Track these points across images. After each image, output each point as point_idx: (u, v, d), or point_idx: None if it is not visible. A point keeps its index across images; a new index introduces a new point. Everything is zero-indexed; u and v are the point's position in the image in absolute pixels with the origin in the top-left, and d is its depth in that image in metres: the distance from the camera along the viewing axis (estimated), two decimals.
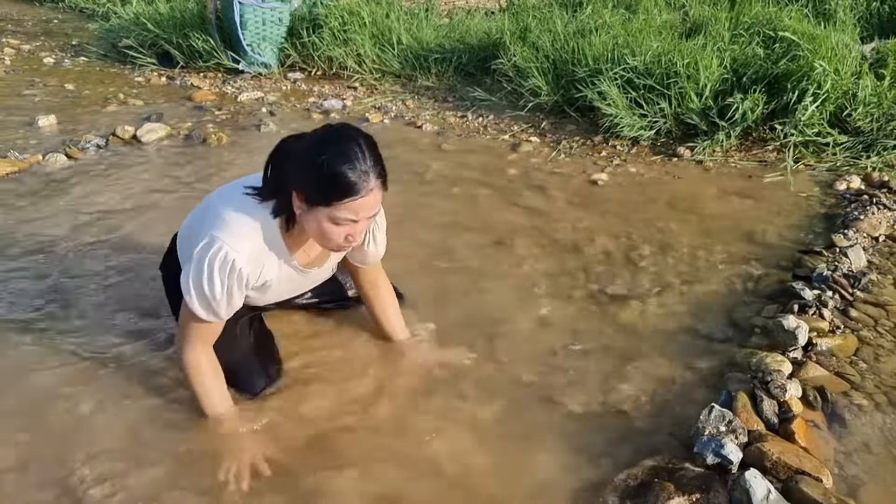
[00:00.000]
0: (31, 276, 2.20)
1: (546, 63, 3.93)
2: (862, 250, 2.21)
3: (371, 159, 1.28)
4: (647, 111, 3.39)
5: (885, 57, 3.35)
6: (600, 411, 1.60)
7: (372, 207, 1.32)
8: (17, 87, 4.72)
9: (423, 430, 1.54)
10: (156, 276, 2.17)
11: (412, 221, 2.57)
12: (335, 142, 1.29)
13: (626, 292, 2.11)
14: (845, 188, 2.84)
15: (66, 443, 1.50)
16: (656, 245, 2.40)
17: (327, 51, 4.88)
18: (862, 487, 1.32)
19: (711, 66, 3.32)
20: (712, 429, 1.42)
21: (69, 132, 3.70)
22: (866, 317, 1.88)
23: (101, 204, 2.78)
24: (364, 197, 1.28)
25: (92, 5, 8.04)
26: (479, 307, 2.04)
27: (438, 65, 4.75)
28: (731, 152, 3.27)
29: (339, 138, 1.30)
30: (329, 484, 1.39)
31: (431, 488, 1.38)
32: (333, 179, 1.26)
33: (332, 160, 1.26)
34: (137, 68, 5.25)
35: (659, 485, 1.33)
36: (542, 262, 2.30)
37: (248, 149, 3.52)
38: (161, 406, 1.62)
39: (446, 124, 3.92)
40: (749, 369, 1.66)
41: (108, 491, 1.37)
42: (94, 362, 1.77)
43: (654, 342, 1.86)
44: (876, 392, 1.58)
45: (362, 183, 1.27)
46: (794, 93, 3.14)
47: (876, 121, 3.10)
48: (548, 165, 3.25)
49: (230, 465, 1.43)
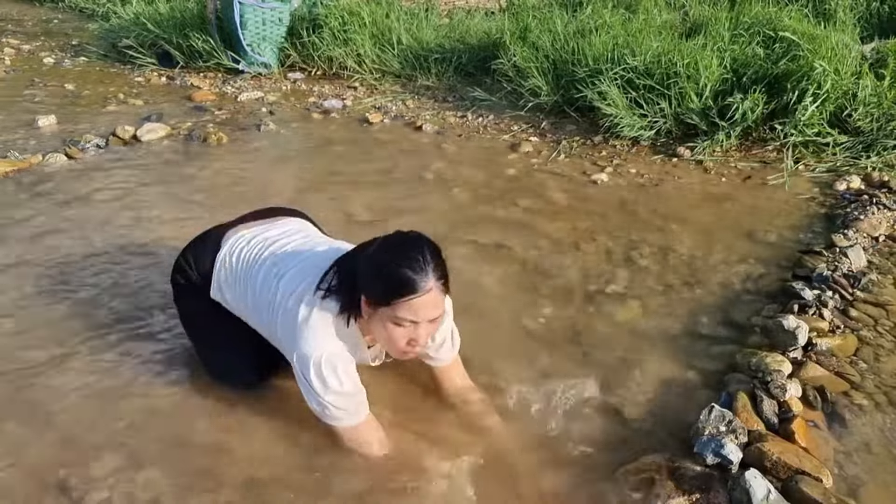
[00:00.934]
0: (30, 276, 2.20)
1: (546, 63, 3.94)
2: (862, 250, 2.21)
3: (432, 261, 1.31)
4: (647, 111, 3.39)
5: (885, 57, 3.35)
6: (600, 411, 1.60)
7: (432, 308, 1.32)
8: (17, 87, 4.72)
9: (422, 431, 1.54)
10: (156, 276, 2.18)
11: (412, 221, 2.56)
12: (400, 244, 1.35)
13: (626, 292, 2.11)
14: (845, 188, 2.84)
15: (66, 443, 1.50)
16: (656, 245, 2.40)
17: (327, 51, 4.88)
18: (862, 487, 1.32)
19: (711, 66, 3.32)
20: (712, 429, 1.42)
21: (69, 132, 3.70)
22: (866, 317, 1.88)
23: (100, 204, 2.78)
24: (422, 296, 1.29)
25: (92, 5, 8.04)
26: (478, 307, 2.04)
27: (438, 65, 4.75)
28: (731, 152, 3.27)
29: (404, 242, 1.35)
30: (332, 484, 1.39)
31: (428, 482, 1.38)
32: (393, 278, 1.29)
33: (394, 259, 1.30)
34: (137, 68, 5.25)
35: (659, 484, 1.33)
36: (541, 262, 2.30)
37: (248, 149, 3.52)
38: (161, 405, 1.62)
39: (446, 124, 3.92)
40: (749, 369, 1.66)
41: (108, 491, 1.37)
42: (95, 362, 1.77)
43: (654, 342, 1.86)
44: (876, 392, 1.58)
45: (421, 282, 1.28)
46: (794, 93, 3.14)
47: (876, 121, 3.10)
48: (548, 165, 3.25)
49: None
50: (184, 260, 1.73)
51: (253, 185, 2.98)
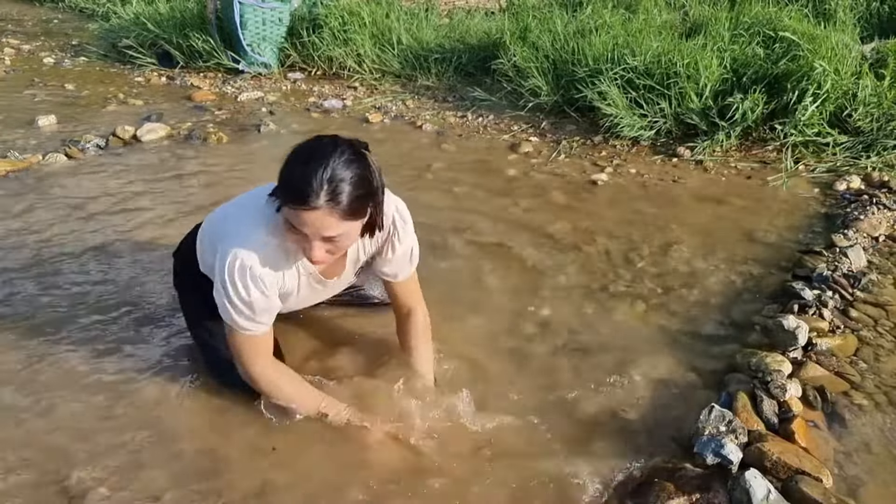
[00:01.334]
0: (30, 276, 2.20)
1: (546, 63, 3.94)
2: (862, 250, 2.21)
3: (333, 179, 1.21)
4: (647, 111, 3.39)
5: (885, 57, 3.35)
6: (600, 411, 1.60)
7: (321, 227, 1.24)
8: (17, 87, 4.72)
9: (420, 432, 1.53)
10: (156, 276, 2.18)
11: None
12: (314, 147, 1.26)
13: (626, 292, 2.11)
14: (845, 188, 2.84)
15: (66, 443, 1.50)
16: (656, 245, 2.41)
17: (327, 51, 4.88)
18: (862, 487, 1.32)
19: (711, 66, 3.32)
20: (712, 429, 1.42)
21: (69, 132, 3.70)
22: (866, 317, 1.88)
23: (100, 204, 2.78)
24: (309, 211, 1.21)
25: (92, 5, 8.04)
26: (478, 307, 2.04)
27: (438, 65, 4.75)
28: (730, 152, 3.27)
29: (320, 145, 1.26)
30: (334, 484, 1.39)
31: (426, 487, 1.38)
32: (285, 181, 1.25)
33: (295, 162, 1.24)
34: (137, 68, 5.25)
35: (659, 485, 1.33)
36: (541, 263, 2.30)
37: (248, 149, 3.52)
38: (162, 405, 1.62)
39: (446, 124, 3.92)
40: (749, 369, 1.66)
41: (108, 491, 1.37)
42: (95, 362, 1.77)
43: (654, 342, 1.86)
44: (876, 392, 1.58)
45: (308, 197, 1.20)
46: (794, 93, 3.14)
47: (876, 121, 3.10)
48: (548, 165, 3.25)
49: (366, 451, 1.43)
50: (177, 256, 1.76)
51: (253, 184, 2.94)
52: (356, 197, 1.25)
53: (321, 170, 1.21)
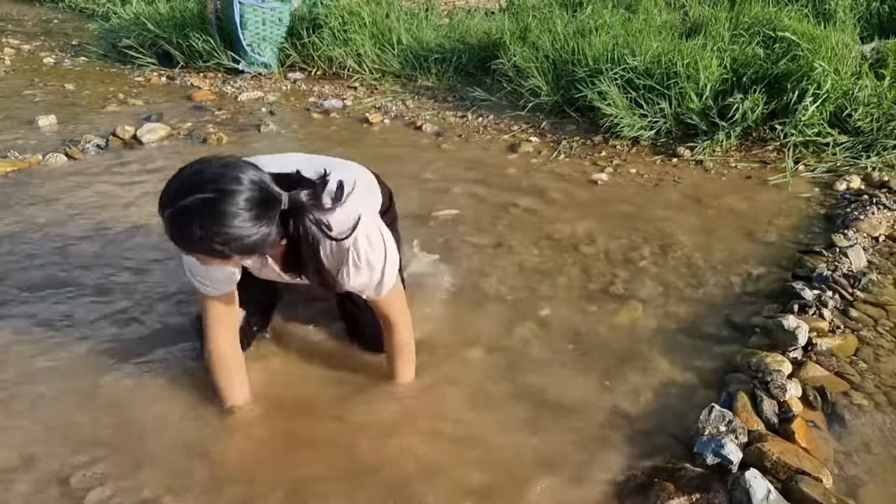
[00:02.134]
0: (30, 277, 2.20)
1: (546, 63, 3.93)
2: (862, 250, 2.21)
3: (181, 199, 1.13)
4: (647, 111, 3.39)
5: (885, 57, 3.35)
6: (600, 411, 1.60)
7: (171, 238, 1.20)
8: (17, 87, 4.72)
9: (419, 431, 1.54)
10: (156, 276, 2.18)
11: (412, 221, 2.57)
12: (207, 159, 1.20)
13: (626, 292, 2.11)
14: (845, 188, 2.84)
15: (66, 442, 1.50)
16: (656, 245, 2.41)
17: (327, 51, 4.88)
18: (862, 487, 1.32)
19: (711, 66, 3.32)
20: (712, 429, 1.42)
21: (69, 132, 3.70)
22: (866, 317, 1.88)
23: (100, 204, 2.78)
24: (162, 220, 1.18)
25: (92, 5, 8.03)
26: (478, 307, 2.04)
27: (438, 65, 4.75)
28: (731, 152, 3.27)
29: (190, 167, 1.19)
30: (327, 483, 1.39)
31: (426, 484, 1.38)
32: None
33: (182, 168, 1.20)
34: (137, 68, 5.25)
35: (659, 485, 1.33)
36: (541, 263, 2.30)
37: (248, 149, 3.51)
38: (162, 405, 1.62)
39: (446, 124, 3.92)
40: (749, 369, 1.66)
41: (108, 491, 1.37)
42: (96, 361, 1.77)
43: (653, 342, 1.86)
44: (876, 392, 1.58)
45: (160, 203, 1.17)
46: (794, 93, 3.14)
47: (876, 121, 3.10)
48: (548, 165, 3.25)
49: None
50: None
51: None
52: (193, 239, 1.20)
53: (179, 184, 1.17)
